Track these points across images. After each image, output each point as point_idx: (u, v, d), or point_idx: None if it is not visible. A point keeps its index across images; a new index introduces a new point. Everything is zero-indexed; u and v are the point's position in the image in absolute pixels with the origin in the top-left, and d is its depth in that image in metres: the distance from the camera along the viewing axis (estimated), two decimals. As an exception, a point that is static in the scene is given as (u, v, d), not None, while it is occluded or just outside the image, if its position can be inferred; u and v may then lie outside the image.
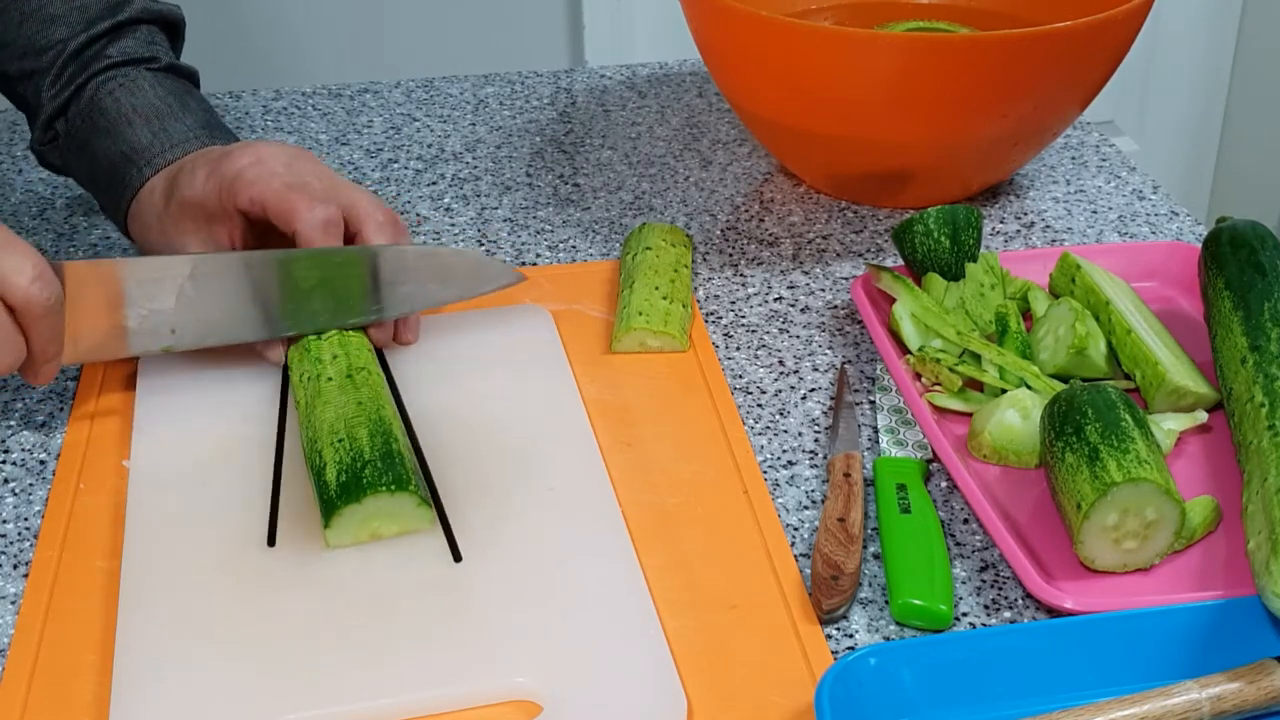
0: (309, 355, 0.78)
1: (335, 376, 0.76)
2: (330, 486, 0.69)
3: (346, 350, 0.78)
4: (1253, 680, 0.60)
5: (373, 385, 0.76)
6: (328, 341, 0.79)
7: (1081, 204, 1.06)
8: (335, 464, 0.70)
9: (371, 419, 0.73)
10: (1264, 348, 0.75)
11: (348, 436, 0.71)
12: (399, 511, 0.69)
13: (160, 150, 0.86)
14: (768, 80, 0.99)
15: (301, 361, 0.78)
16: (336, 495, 0.68)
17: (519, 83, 1.27)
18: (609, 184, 1.09)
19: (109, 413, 0.81)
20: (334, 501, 0.68)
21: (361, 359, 0.78)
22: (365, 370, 0.77)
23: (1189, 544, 0.70)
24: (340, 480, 0.69)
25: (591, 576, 0.68)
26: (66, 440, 0.79)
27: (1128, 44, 0.98)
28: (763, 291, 0.94)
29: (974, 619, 0.67)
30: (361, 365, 0.77)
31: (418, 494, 0.69)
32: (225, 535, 0.70)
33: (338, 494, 0.68)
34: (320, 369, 0.77)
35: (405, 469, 0.70)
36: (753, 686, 0.63)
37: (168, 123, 0.87)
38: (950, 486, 0.76)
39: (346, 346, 0.79)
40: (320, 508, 0.69)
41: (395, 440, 0.72)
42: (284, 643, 0.64)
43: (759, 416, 0.82)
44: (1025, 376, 0.79)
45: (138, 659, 0.63)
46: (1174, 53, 2.32)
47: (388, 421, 0.73)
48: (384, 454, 0.70)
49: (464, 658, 0.63)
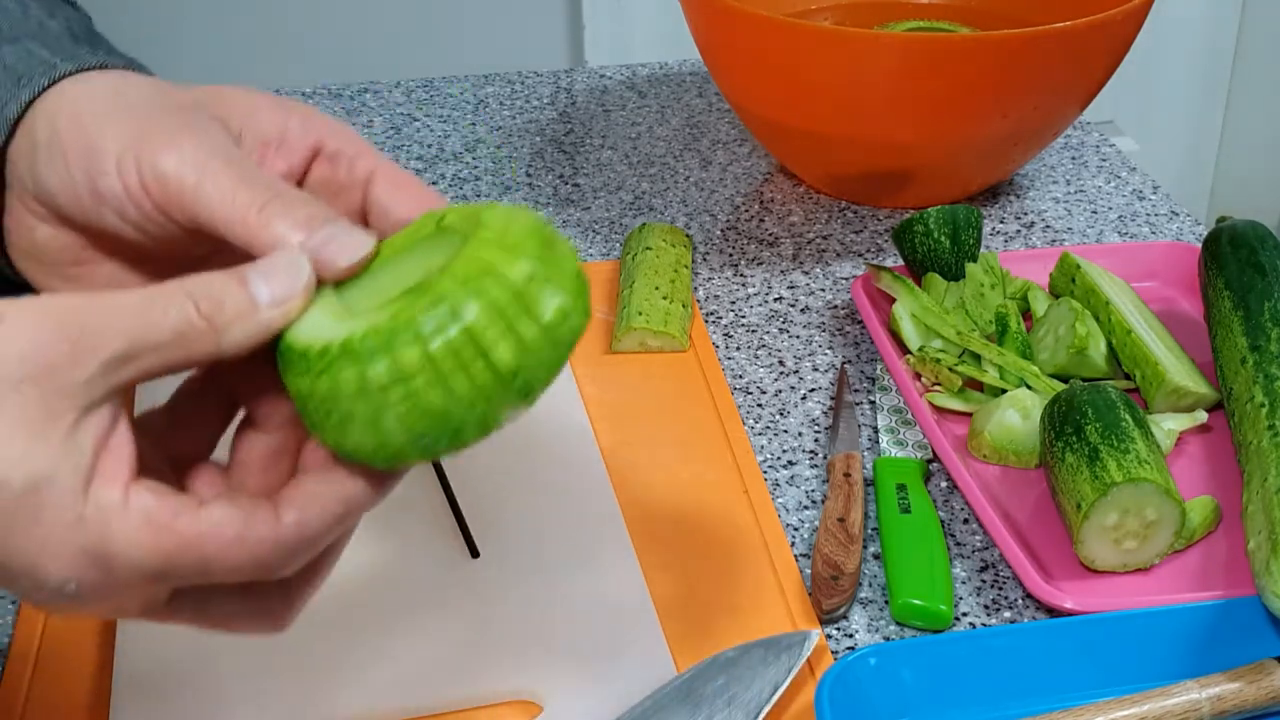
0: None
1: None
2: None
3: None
4: (1253, 680, 0.60)
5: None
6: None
7: (1081, 204, 1.06)
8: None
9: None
10: (1264, 348, 0.75)
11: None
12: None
13: (92, 55, 0.51)
14: (768, 80, 0.99)
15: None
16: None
17: (519, 83, 1.27)
18: (609, 184, 1.09)
19: (109, 413, 0.81)
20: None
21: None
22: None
23: (1189, 544, 0.70)
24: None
25: (591, 577, 0.68)
26: (66, 440, 0.79)
27: (1128, 44, 0.98)
28: (763, 291, 0.94)
29: (974, 619, 0.67)
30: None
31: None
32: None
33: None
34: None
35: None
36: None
37: (96, 40, 0.55)
38: (950, 486, 0.76)
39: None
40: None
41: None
42: (284, 643, 0.64)
43: (759, 416, 0.82)
44: (1025, 376, 0.79)
45: (138, 659, 0.63)
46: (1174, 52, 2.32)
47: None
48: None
49: (463, 658, 0.63)
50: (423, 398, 0.42)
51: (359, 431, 0.43)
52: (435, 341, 0.42)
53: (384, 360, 0.42)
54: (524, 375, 0.43)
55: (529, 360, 0.43)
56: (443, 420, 0.43)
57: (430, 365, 0.42)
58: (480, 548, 0.69)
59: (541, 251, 0.44)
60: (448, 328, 0.42)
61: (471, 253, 0.43)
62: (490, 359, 0.42)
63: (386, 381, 0.42)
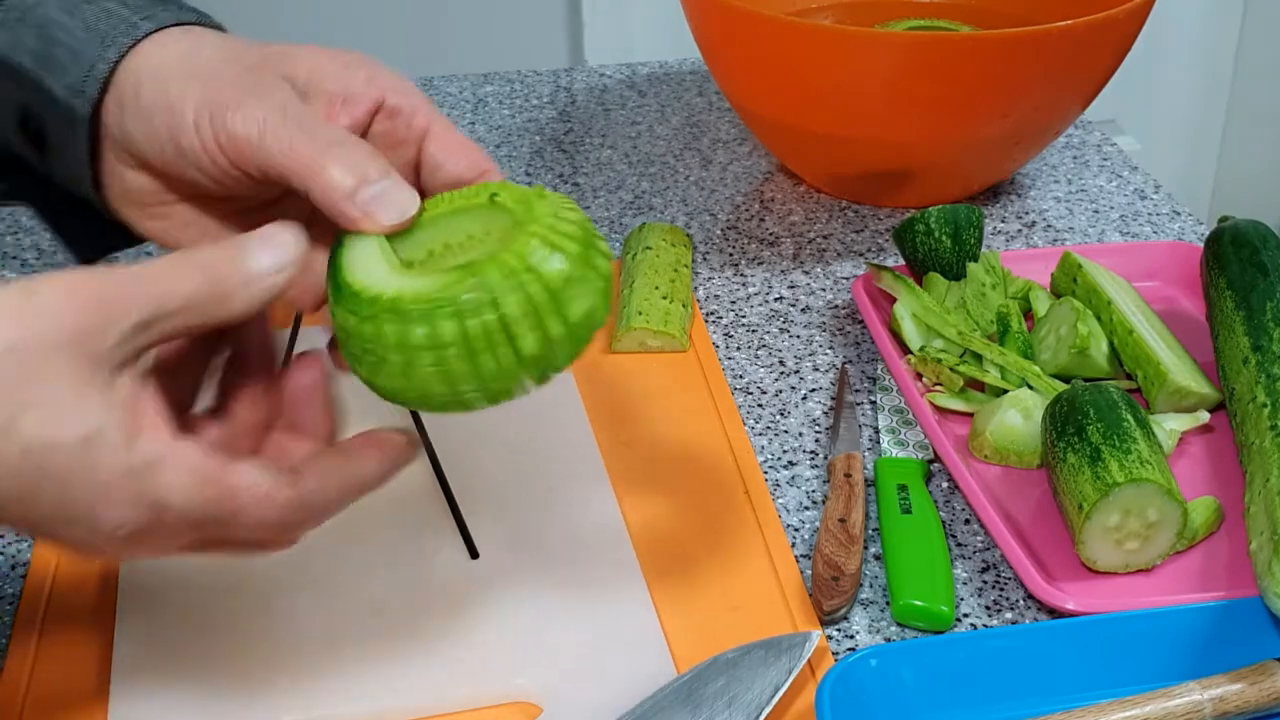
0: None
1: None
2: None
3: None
4: (1255, 681, 0.60)
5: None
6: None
7: (1083, 203, 1.06)
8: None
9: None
10: (1266, 348, 0.74)
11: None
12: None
13: (164, 11, 0.56)
14: (768, 80, 0.98)
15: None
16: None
17: (518, 81, 1.27)
18: (609, 183, 1.09)
19: (108, 413, 0.81)
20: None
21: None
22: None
23: (1191, 545, 0.70)
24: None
25: (591, 577, 0.68)
26: (65, 440, 0.79)
27: (1129, 43, 0.98)
28: (763, 291, 0.94)
29: (975, 620, 0.67)
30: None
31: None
32: (224, 536, 0.70)
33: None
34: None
35: None
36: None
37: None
38: (951, 487, 0.75)
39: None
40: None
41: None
42: (284, 642, 0.64)
43: (759, 416, 0.81)
44: (1027, 376, 0.79)
45: (137, 659, 0.63)
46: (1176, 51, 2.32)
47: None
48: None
49: (464, 659, 0.63)
50: (450, 366, 0.48)
51: (387, 376, 0.49)
52: (471, 321, 0.48)
53: (424, 327, 0.48)
54: (544, 363, 0.49)
55: (551, 352, 0.49)
56: (462, 386, 0.49)
57: (463, 341, 0.48)
58: (480, 548, 0.69)
59: (582, 252, 0.49)
60: (484, 313, 0.48)
61: (519, 245, 0.49)
62: (516, 346, 0.48)
63: (423, 345, 0.48)
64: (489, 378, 0.49)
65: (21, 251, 0.99)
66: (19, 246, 1.00)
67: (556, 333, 0.49)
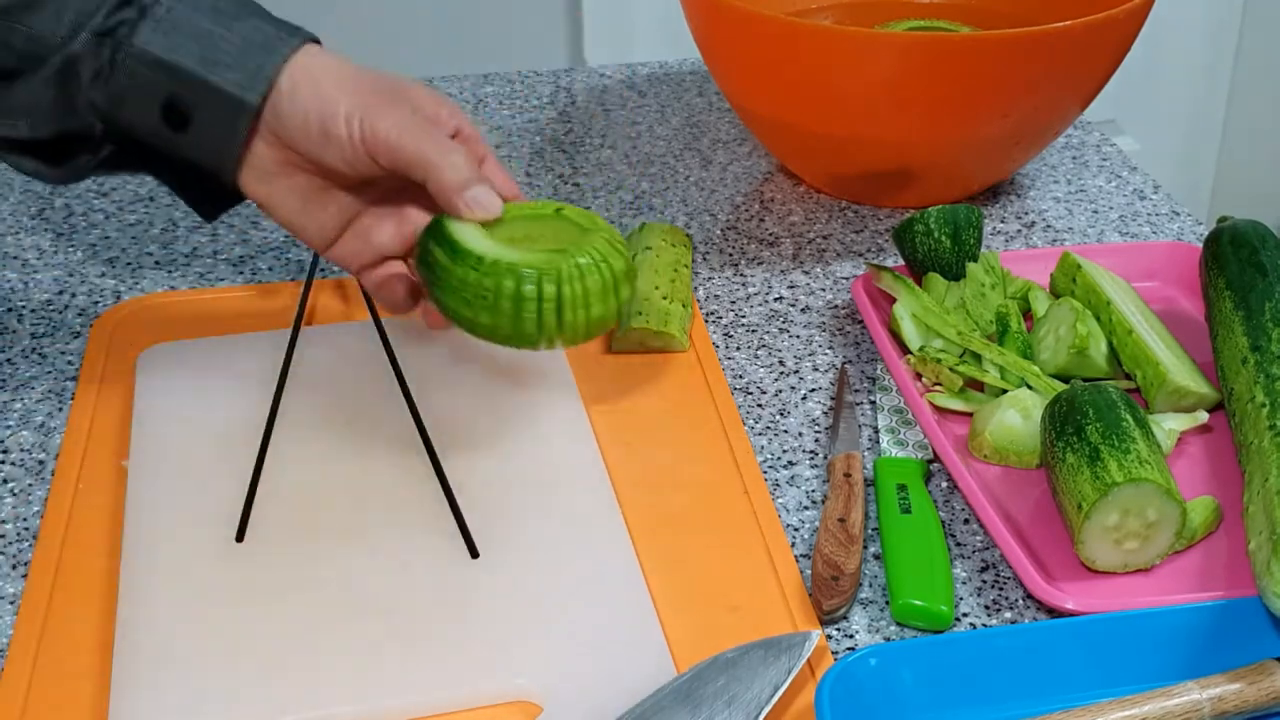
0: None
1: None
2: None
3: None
4: (1253, 681, 0.60)
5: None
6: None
7: (1082, 203, 1.06)
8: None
9: None
10: (1265, 348, 0.75)
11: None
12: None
13: (297, 31, 0.71)
14: (768, 80, 0.98)
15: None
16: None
17: (518, 82, 1.27)
18: (609, 184, 1.09)
19: (108, 412, 0.81)
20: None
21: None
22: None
23: (1190, 544, 0.70)
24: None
25: (591, 577, 0.68)
26: (65, 440, 0.79)
27: (1128, 43, 0.98)
28: (763, 291, 0.94)
29: (975, 619, 0.67)
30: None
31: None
32: (226, 534, 0.70)
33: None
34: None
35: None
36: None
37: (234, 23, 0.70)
38: (951, 487, 0.76)
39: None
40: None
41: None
42: (284, 642, 0.64)
43: (759, 417, 0.81)
44: (1026, 376, 0.79)
45: (137, 659, 0.63)
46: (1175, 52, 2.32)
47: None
48: None
49: (464, 658, 0.63)
50: (546, 317, 0.67)
51: (493, 316, 0.67)
52: (566, 288, 0.67)
53: (533, 285, 0.66)
54: (600, 326, 0.69)
55: (606, 319, 0.69)
56: (548, 332, 0.67)
57: (557, 300, 0.67)
58: (480, 548, 0.69)
59: (628, 254, 0.70)
60: (576, 283, 0.67)
61: (594, 243, 0.68)
62: (589, 310, 0.68)
63: (530, 297, 0.66)
64: (566, 328, 0.68)
65: (22, 252, 0.99)
66: (19, 246, 1.00)
67: (612, 307, 0.69)
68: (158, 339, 0.86)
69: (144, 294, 0.93)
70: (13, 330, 0.90)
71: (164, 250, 0.99)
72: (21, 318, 0.91)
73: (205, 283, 0.95)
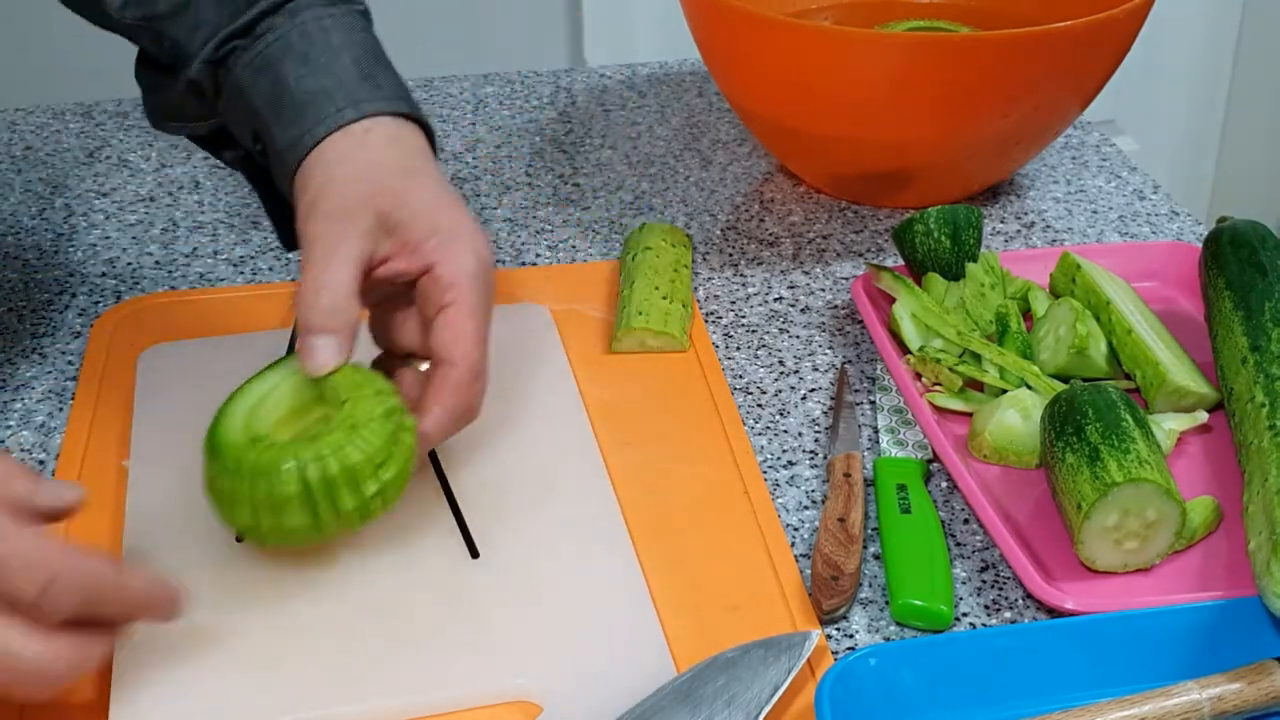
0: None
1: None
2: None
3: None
4: (1253, 681, 0.60)
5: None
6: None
7: (1082, 204, 1.06)
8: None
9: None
10: (1265, 348, 0.75)
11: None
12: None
13: (370, 99, 0.72)
14: (768, 80, 0.98)
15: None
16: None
17: (518, 82, 1.27)
18: (609, 184, 1.09)
19: (108, 413, 0.81)
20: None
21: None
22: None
23: (1189, 544, 0.70)
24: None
25: (591, 577, 0.68)
26: (66, 440, 0.79)
27: (1128, 43, 0.98)
28: (763, 291, 0.94)
29: (974, 619, 0.67)
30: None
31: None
32: (226, 535, 0.70)
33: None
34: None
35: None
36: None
37: (378, 72, 0.74)
38: (950, 487, 0.76)
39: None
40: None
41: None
42: (284, 643, 0.64)
43: (759, 416, 0.81)
44: (1026, 376, 0.79)
45: (138, 659, 0.63)
46: (1175, 52, 2.32)
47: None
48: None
49: (464, 659, 0.63)
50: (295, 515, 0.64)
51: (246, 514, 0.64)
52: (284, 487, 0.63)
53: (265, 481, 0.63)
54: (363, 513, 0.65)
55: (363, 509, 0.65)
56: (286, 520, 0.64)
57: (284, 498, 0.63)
58: (480, 548, 0.69)
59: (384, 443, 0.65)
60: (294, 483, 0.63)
61: (333, 437, 0.64)
62: (294, 520, 0.64)
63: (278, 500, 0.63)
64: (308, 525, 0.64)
65: (22, 252, 0.99)
66: (20, 246, 1.00)
67: (356, 501, 0.64)
68: (158, 339, 0.86)
69: (144, 294, 0.93)
70: (13, 330, 0.90)
71: (164, 250, 0.99)
72: (21, 318, 0.91)
73: (205, 283, 0.95)
